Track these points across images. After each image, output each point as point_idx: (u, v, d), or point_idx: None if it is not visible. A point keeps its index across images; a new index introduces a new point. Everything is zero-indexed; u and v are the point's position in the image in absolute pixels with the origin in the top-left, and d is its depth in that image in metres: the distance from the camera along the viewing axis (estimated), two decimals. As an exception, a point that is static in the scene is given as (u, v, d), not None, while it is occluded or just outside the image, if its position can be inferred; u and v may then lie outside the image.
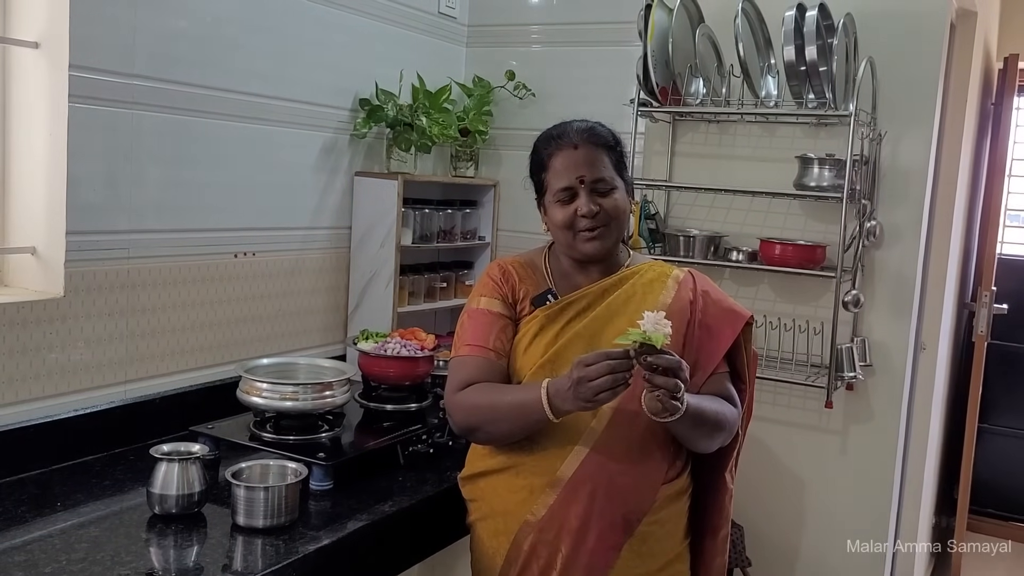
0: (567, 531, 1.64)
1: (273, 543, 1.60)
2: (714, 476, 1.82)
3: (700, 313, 1.75)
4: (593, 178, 1.70)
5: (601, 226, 1.70)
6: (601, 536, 1.64)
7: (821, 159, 2.48)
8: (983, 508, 4.24)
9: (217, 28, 2.20)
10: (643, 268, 1.80)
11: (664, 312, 1.53)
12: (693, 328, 1.73)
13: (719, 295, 1.81)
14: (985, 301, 3.63)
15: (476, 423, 1.69)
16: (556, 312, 1.74)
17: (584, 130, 1.75)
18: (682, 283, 1.78)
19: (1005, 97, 3.73)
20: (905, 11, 2.48)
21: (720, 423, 1.68)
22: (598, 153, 1.72)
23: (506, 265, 1.83)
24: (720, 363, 1.75)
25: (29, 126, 1.94)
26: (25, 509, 1.69)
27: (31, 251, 1.96)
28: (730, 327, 1.76)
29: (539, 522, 1.66)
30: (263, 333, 2.44)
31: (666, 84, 2.58)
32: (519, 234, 3.04)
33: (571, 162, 1.71)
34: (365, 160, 2.72)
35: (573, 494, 1.64)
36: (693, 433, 1.65)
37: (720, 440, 1.71)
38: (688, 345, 1.72)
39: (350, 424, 2.15)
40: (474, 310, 1.78)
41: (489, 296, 1.78)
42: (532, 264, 1.84)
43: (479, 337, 1.74)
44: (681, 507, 1.76)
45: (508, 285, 1.79)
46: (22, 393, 1.86)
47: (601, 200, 1.70)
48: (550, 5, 3.01)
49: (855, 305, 2.49)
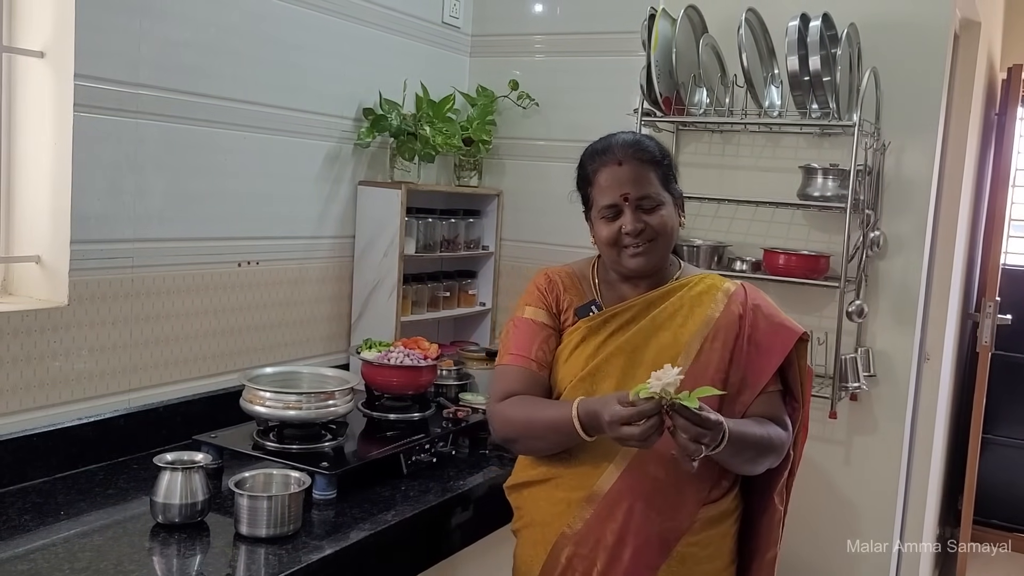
0: (603, 547, 1.61)
1: (276, 552, 1.60)
2: (764, 498, 1.76)
3: (750, 328, 1.69)
4: (638, 195, 1.66)
5: (647, 242, 1.67)
6: (637, 554, 1.60)
7: (825, 169, 2.48)
8: (987, 519, 4.23)
9: (221, 38, 2.21)
10: (693, 280, 1.75)
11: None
12: (742, 343, 1.68)
13: (771, 310, 1.74)
14: (989, 311, 3.63)
15: (513, 436, 1.71)
16: (599, 324, 1.71)
17: (629, 144, 1.70)
18: (732, 296, 1.72)
19: (1009, 107, 3.74)
20: (909, 21, 2.48)
21: (765, 447, 1.62)
22: (643, 169, 1.68)
23: (552, 275, 1.81)
24: (770, 381, 1.69)
25: (34, 135, 1.95)
26: (28, 518, 1.69)
27: (35, 260, 1.96)
28: (781, 343, 1.69)
29: (576, 535, 1.64)
30: (266, 342, 2.44)
31: (669, 94, 2.58)
32: (523, 243, 3.05)
33: (615, 179, 1.67)
34: (369, 169, 2.73)
35: (609, 510, 1.62)
36: (735, 460, 1.60)
37: (767, 463, 1.66)
38: (736, 361, 1.67)
39: (353, 433, 2.15)
40: (519, 319, 1.78)
41: (534, 305, 1.78)
42: (580, 274, 1.82)
43: (522, 347, 1.74)
44: (725, 529, 1.70)
45: (552, 295, 1.78)
46: (26, 402, 1.86)
47: (647, 217, 1.67)
48: (554, 15, 3.01)
49: (859, 315, 2.49)
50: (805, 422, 1.78)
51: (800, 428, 1.76)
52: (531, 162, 3.04)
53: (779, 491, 1.75)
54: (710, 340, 1.67)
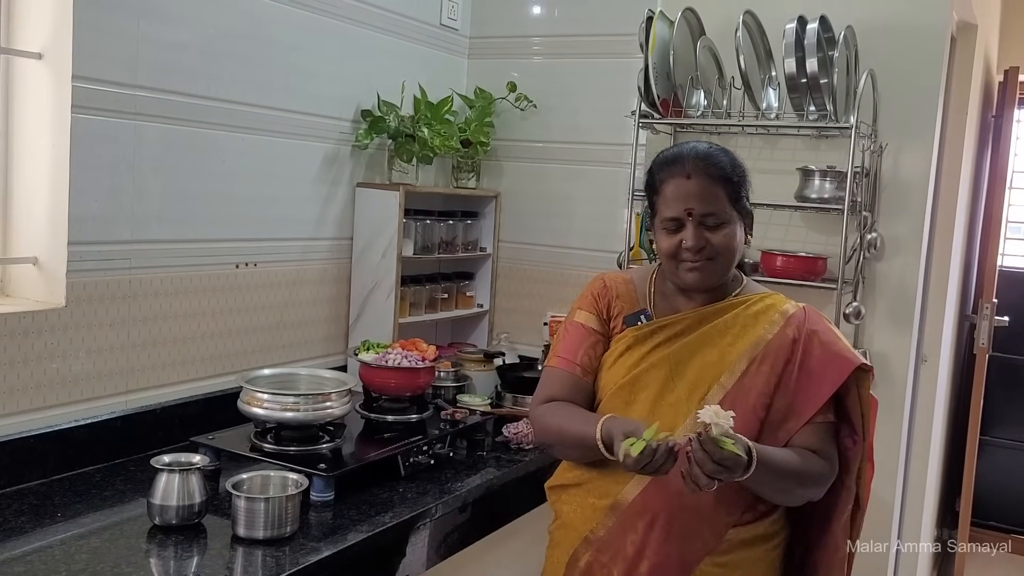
0: (622, 557, 1.60)
1: (273, 554, 1.60)
2: (823, 533, 1.68)
3: (803, 354, 1.62)
4: (703, 212, 1.61)
5: (706, 260, 1.62)
6: (654, 570, 1.58)
7: (822, 171, 2.48)
8: (985, 520, 4.23)
9: (219, 39, 2.21)
10: (753, 299, 1.70)
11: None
12: (792, 369, 1.61)
13: (829, 337, 1.65)
14: (986, 313, 3.63)
15: (548, 443, 1.75)
16: (646, 334, 1.69)
17: (701, 157, 1.65)
18: (790, 319, 1.65)
19: (1006, 109, 3.75)
20: (906, 24, 2.49)
21: (800, 480, 1.57)
22: (712, 185, 1.62)
23: (608, 280, 1.80)
24: (820, 412, 1.60)
25: (32, 137, 1.95)
26: (25, 519, 1.69)
27: (33, 261, 1.96)
28: (835, 373, 1.60)
29: (598, 541, 1.63)
30: (264, 344, 2.43)
31: (667, 96, 2.58)
32: (521, 245, 3.05)
33: (682, 192, 1.62)
34: (367, 171, 2.73)
35: (630, 521, 1.60)
36: (764, 488, 1.56)
37: (804, 495, 1.61)
38: (784, 387, 1.61)
39: (351, 435, 2.15)
40: (571, 322, 1.79)
41: (586, 310, 1.77)
42: (637, 282, 1.79)
43: (569, 350, 1.75)
44: (760, 554, 1.63)
45: (604, 301, 1.76)
46: (23, 403, 1.86)
47: (709, 234, 1.62)
48: (552, 17, 3.02)
49: (856, 317, 2.49)
50: (870, 455, 1.68)
51: (866, 462, 1.67)
52: (529, 164, 3.04)
53: (843, 527, 1.67)
54: (757, 362, 1.62)
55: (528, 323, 3.01)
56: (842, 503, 1.66)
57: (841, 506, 1.66)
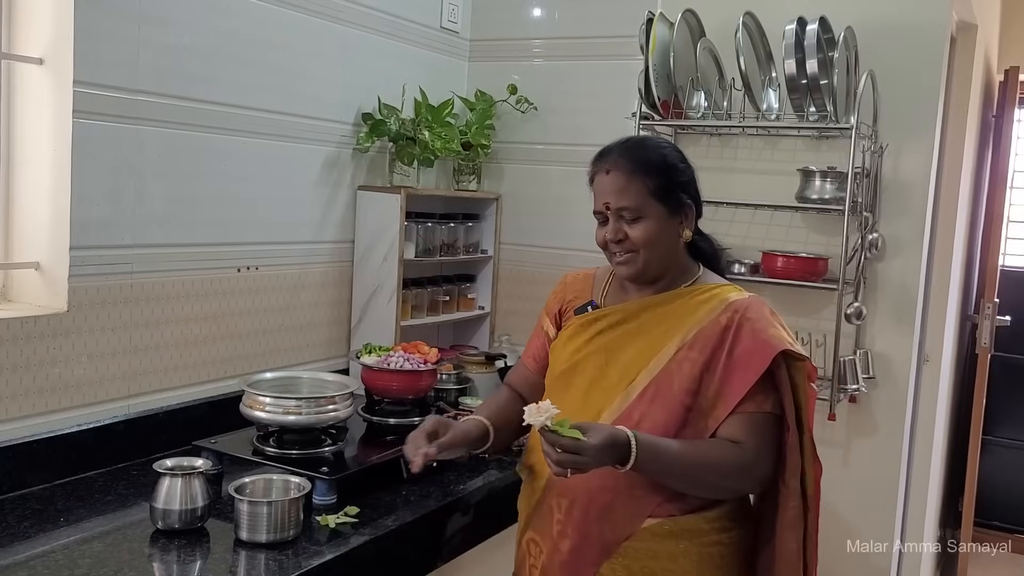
0: (548, 535, 1.67)
1: (276, 558, 1.60)
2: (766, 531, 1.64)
3: (732, 341, 1.59)
4: (618, 206, 1.63)
5: (628, 252, 1.64)
6: (576, 550, 1.62)
7: (823, 172, 2.48)
8: (988, 520, 4.23)
9: (220, 43, 2.21)
10: (699, 289, 1.68)
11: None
12: (721, 356, 1.58)
13: (762, 324, 1.59)
14: (988, 313, 3.63)
15: None
16: (588, 322, 1.73)
17: (624, 152, 1.66)
18: (728, 307, 1.62)
19: (1006, 109, 3.75)
20: (905, 24, 2.49)
21: (706, 469, 1.54)
22: (630, 180, 1.62)
23: (568, 278, 1.88)
24: (749, 400, 1.55)
25: (33, 142, 1.95)
26: (28, 524, 1.69)
27: (35, 266, 1.96)
28: (761, 359, 1.55)
29: (533, 520, 1.72)
30: (266, 347, 2.44)
31: (667, 97, 2.58)
32: (522, 247, 3.05)
33: (602, 187, 1.65)
34: (368, 174, 2.73)
35: (555, 500, 1.66)
36: (666, 479, 1.54)
37: (729, 488, 1.59)
38: (711, 374, 1.58)
39: (353, 438, 2.15)
40: (539, 320, 1.90)
41: (545, 312, 1.88)
42: (598, 276, 1.84)
43: (529, 347, 1.90)
44: (688, 548, 1.58)
45: (558, 297, 1.86)
46: (25, 408, 1.86)
47: (627, 228, 1.63)
48: (552, 19, 3.02)
49: (857, 317, 2.49)
50: (812, 451, 1.59)
51: (811, 461, 1.59)
52: (530, 166, 3.04)
53: (789, 527, 1.60)
54: (687, 348, 1.60)
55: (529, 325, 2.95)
56: (782, 500, 1.60)
57: (782, 504, 1.60)
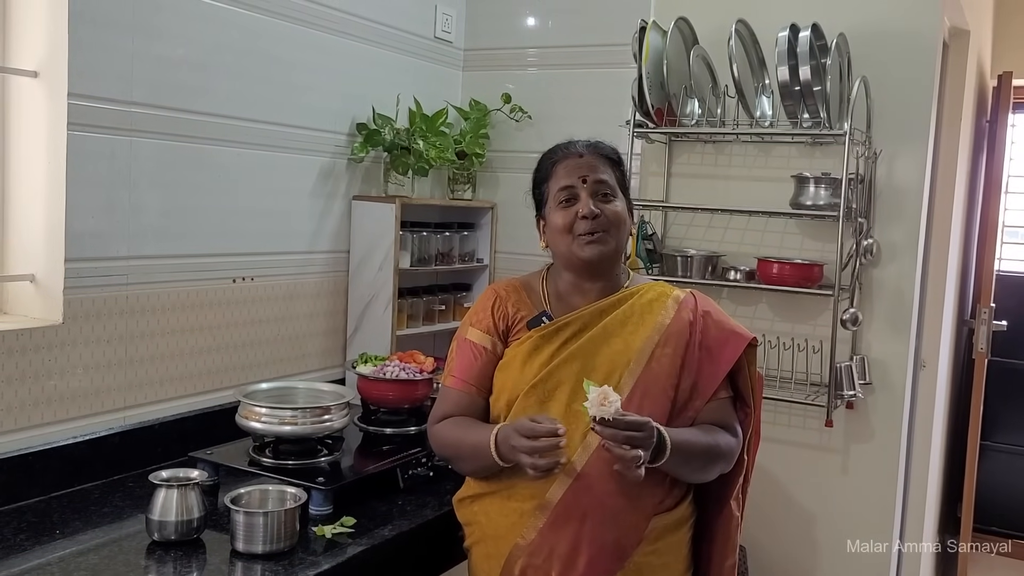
0: (557, 556, 1.62)
1: (273, 569, 1.60)
2: (720, 505, 1.79)
3: (700, 334, 1.73)
4: (595, 179, 1.72)
5: (601, 231, 1.70)
6: (592, 562, 1.61)
7: (817, 178, 2.49)
8: (987, 526, 4.22)
9: (215, 55, 2.21)
10: (643, 288, 1.79)
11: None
12: (693, 350, 1.71)
13: (721, 316, 1.79)
14: (984, 318, 3.63)
15: (448, 457, 1.82)
16: (551, 333, 1.73)
17: (588, 145, 1.79)
18: (682, 303, 1.76)
19: (999, 114, 3.76)
20: (898, 30, 2.50)
21: (713, 454, 1.66)
22: (602, 163, 1.76)
23: (500, 290, 1.84)
24: (721, 387, 1.73)
25: (28, 154, 1.95)
26: (24, 537, 1.68)
27: (30, 278, 1.96)
28: (731, 349, 1.73)
29: (529, 545, 1.64)
30: (262, 358, 2.43)
31: (661, 105, 2.59)
32: (517, 256, 3.05)
33: (575, 165, 1.74)
34: (363, 184, 2.73)
35: (563, 518, 1.62)
36: (683, 469, 1.64)
37: (716, 470, 1.69)
38: (687, 367, 1.70)
39: (349, 448, 2.14)
40: (463, 340, 1.83)
41: (477, 328, 1.81)
42: (528, 286, 1.84)
43: (463, 370, 1.80)
44: (680, 538, 1.72)
45: (500, 312, 1.80)
46: (21, 420, 1.86)
47: (602, 205, 1.71)
48: (545, 28, 3.03)
49: (853, 323, 2.50)
50: (757, 428, 1.82)
51: (753, 434, 1.80)
52: (525, 175, 2.96)
53: (735, 497, 1.78)
54: (661, 346, 1.70)
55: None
56: (736, 475, 1.76)
57: (735, 478, 1.76)
